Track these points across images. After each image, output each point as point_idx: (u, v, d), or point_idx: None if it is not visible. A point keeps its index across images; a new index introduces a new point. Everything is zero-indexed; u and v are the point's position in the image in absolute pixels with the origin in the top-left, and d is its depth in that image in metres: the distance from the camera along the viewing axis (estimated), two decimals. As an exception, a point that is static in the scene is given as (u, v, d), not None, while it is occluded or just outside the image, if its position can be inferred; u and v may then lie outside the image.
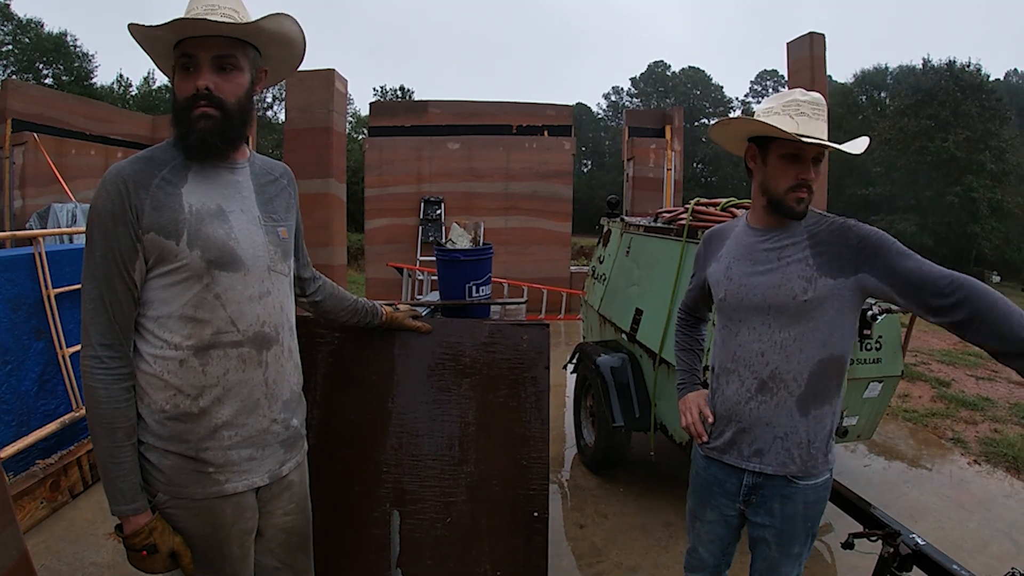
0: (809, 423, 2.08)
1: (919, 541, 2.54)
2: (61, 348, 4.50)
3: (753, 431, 2.13)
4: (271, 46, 1.85)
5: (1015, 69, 65.17)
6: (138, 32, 1.73)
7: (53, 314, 4.44)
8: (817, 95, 2.03)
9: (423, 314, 3.34)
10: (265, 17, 1.73)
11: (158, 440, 1.75)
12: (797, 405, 2.07)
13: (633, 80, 77.11)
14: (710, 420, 2.27)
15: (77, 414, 4.54)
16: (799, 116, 1.99)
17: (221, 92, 1.72)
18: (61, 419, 4.43)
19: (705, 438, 2.28)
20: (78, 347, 4.61)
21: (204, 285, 1.73)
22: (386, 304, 2.74)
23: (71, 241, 8.40)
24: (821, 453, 2.10)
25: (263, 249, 1.84)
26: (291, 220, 2.00)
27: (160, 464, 1.75)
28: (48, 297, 4.41)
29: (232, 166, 1.86)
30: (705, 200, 4.53)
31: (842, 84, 54.10)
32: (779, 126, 1.97)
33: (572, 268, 13.34)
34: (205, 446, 1.76)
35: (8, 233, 4.78)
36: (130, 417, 1.72)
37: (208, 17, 1.65)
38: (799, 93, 2.05)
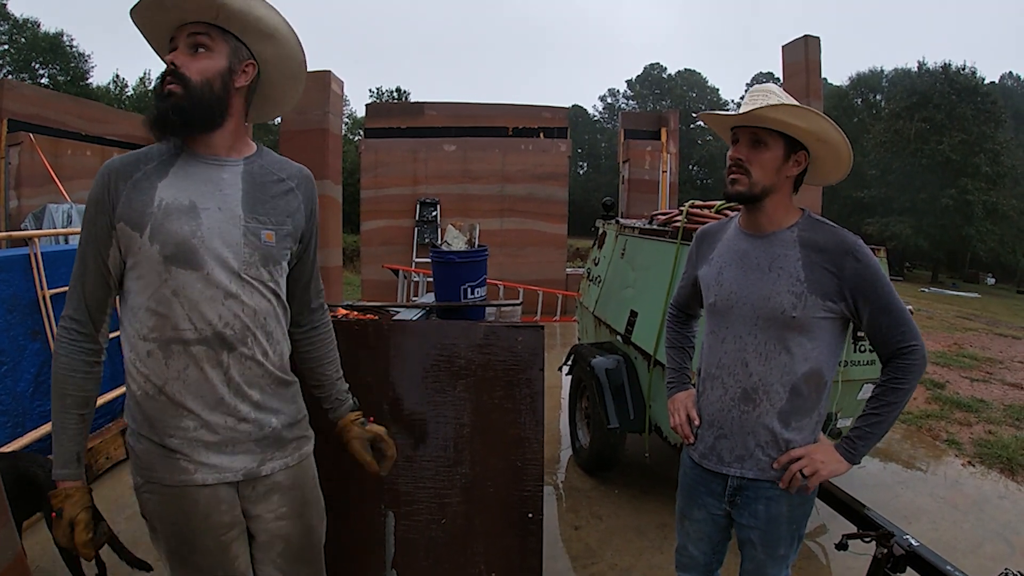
0: (790, 434, 2.08)
1: (913, 542, 2.55)
2: (56, 349, 4.49)
3: (734, 438, 2.13)
4: (252, 37, 1.82)
5: (1010, 72, 65.54)
6: (137, 19, 1.78)
7: (48, 315, 4.44)
8: (771, 85, 2.07)
9: (416, 317, 3.34)
10: None
11: (134, 423, 1.80)
12: (779, 417, 2.07)
13: (629, 82, 77.37)
14: (696, 423, 2.26)
15: (72, 415, 4.53)
16: (744, 105, 2.03)
17: (187, 70, 1.73)
18: (56, 420, 4.41)
19: (692, 440, 2.28)
20: (73, 348, 4.62)
21: (163, 280, 1.72)
22: (381, 307, 2.72)
23: (66, 242, 8.39)
24: None
25: (235, 249, 1.77)
26: (286, 225, 1.88)
27: (136, 447, 1.81)
28: (43, 298, 4.41)
29: (220, 162, 1.82)
30: (700, 202, 4.54)
31: (838, 87, 54.36)
32: (720, 112, 2.10)
33: (568, 270, 13.35)
34: (171, 434, 1.77)
35: (4, 234, 4.78)
36: (84, 388, 1.79)
37: None
38: (756, 86, 2.08)
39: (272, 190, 1.88)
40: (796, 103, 1.96)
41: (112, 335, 4.39)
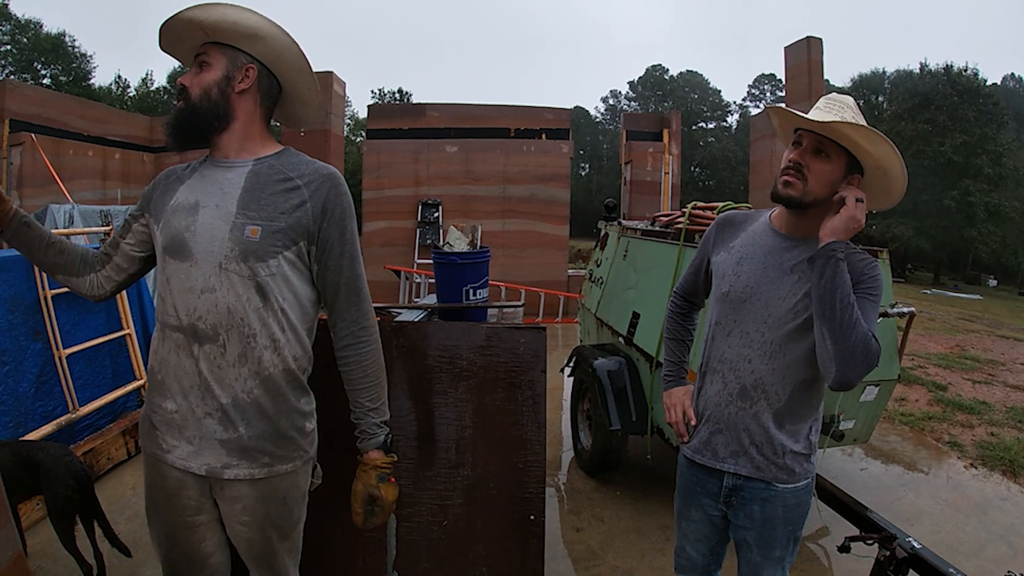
0: (784, 436, 2.07)
1: (915, 545, 2.55)
2: (58, 349, 4.49)
3: (728, 434, 2.12)
4: (241, 41, 1.92)
5: (1012, 73, 65.53)
6: (168, 53, 2.02)
7: (50, 315, 4.43)
8: (848, 98, 2.01)
9: (418, 319, 3.34)
10: (194, 7, 1.86)
11: (146, 391, 2.02)
12: (774, 418, 2.06)
13: (631, 84, 77.32)
14: (693, 423, 2.25)
15: (74, 416, 4.53)
16: (814, 110, 2.00)
17: (189, 87, 1.91)
18: (58, 420, 4.41)
19: (687, 439, 2.27)
20: (75, 348, 4.63)
21: (162, 268, 1.90)
22: (383, 308, 2.72)
23: (68, 242, 8.36)
24: (798, 463, 2.09)
25: (219, 244, 1.82)
26: (278, 222, 1.85)
27: (141, 413, 2.00)
28: (45, 298, 4.40)
29: (229, 164, 1.92)
30: (702, 204, 4.54)
31: (840, 88, 54.21)
32: (795, 111, 2.02)
33: (569, 271, 13.35)
34: (155, 410, 1.92)
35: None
36: (67, 244, 2.04)
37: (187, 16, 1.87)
38: (833, 94, 2.05)
39: (272, 188, 1.89)
40: (870, 126, 1.91)
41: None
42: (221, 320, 1.82)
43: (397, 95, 59.71)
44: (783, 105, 2.04)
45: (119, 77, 50.35)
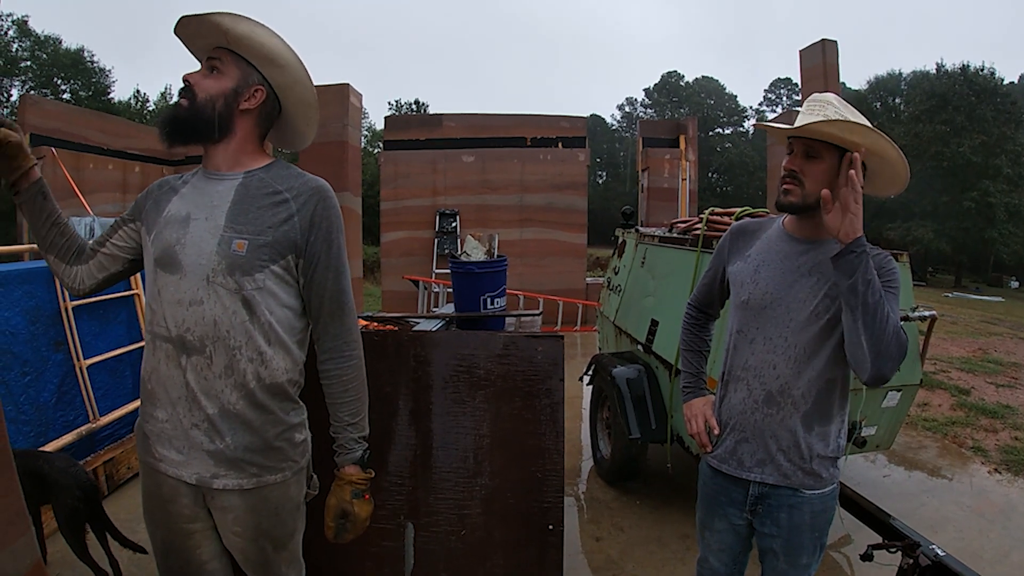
0: (812, 440, 2.06)
1: (939, 552, 2.52)
2: (79, 360, 4.53)
3: (755, 441, 2.11)
4: (260, 62, 1.94)
5: (1030, 73, 64.78)
6: (183, 42, 2.00)
7: (71, 326, 4.48)
8: (829, 95, 2.02)
9: (436, 328, 3.34)
10: (225, 14, 1.87)
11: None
12: (802, 421, 2.05)
13: (647, 91, 77.11)
14: (715, 432, 2.24)
15: (94, 425, 4.57)
16: (800, 115, 2.01)
17: (196, 87, 1.90)
18: (78, 430, 4.45)
19: (710, 449, 2.26)
20: (96, 359, 4.67)
21: (153, 280, 1.89)
22: (402, 317, 2.72)
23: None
24: (825, 468, 2.08)
25: (207, 258, 1.83)
26: (265, 235, 1.85)
27: (136, 423, 2.01)
28: (66, 309, 4.45)
29: (220, 177, 1.93)
30: (720, 209, 4.52)
31: (856, 91, 53.88)
32: (775, 124, 2.09)
33: (588, 279, 13.31)
34: (147, 420, 1.94)
35: (27, 246, 4.83)
36: (61, 227, 2.03)
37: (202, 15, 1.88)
38: (815, 95, 2.06)
39: (260, 202, 1.89)
40: (854, 116, 1.93)
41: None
42: (208, 332, 1.83)
43: (414, 106, 59.89)
44: (766, 122, 2.07)
45: (138, 92, 50.70)
